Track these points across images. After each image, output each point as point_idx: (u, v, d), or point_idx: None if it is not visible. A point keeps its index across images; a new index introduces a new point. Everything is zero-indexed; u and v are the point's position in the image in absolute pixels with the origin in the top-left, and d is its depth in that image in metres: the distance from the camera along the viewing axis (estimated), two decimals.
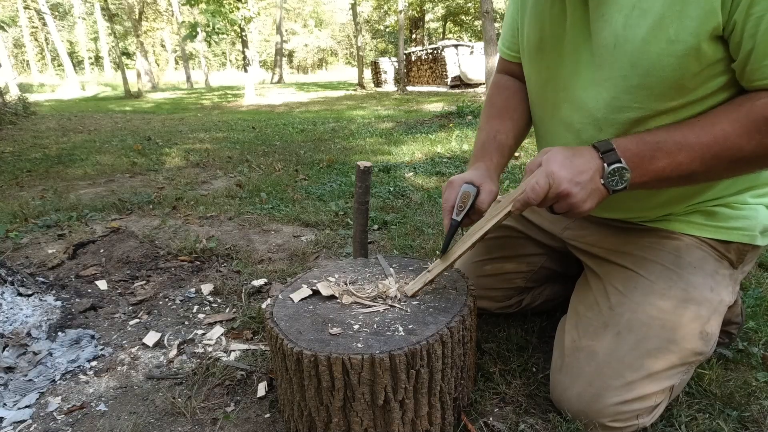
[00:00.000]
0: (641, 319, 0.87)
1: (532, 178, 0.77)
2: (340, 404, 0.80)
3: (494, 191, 0.94)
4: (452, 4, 26.16)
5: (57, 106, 11.91)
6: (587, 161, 0.75)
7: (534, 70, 0.97)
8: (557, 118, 0.94)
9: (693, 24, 0.69)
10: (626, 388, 0.84)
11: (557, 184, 0.74)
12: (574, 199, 0.75)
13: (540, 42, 0.91)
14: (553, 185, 0.75)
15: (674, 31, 0.70)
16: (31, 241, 2.04)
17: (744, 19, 0.66)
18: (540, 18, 0.89)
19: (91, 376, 1.16)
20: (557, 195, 0.75)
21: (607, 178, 0.75)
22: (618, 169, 0.74)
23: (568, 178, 0.74)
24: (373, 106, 9.59)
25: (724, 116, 0.72)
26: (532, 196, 0.76)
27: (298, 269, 1.72)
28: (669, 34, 0.71)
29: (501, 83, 1.13)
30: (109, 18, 17.24)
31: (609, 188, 0.75)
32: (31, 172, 3.62)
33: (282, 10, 28.45)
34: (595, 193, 0.76)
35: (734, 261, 0.92)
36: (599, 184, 0.75)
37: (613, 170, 0.74)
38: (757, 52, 0.67)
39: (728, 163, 0.72)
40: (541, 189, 0.75)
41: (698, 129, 0.73)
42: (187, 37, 12.14)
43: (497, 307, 1.26)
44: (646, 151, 0.74)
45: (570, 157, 0.76)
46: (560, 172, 0.74)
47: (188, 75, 25.85)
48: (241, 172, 3.50)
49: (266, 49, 42.81)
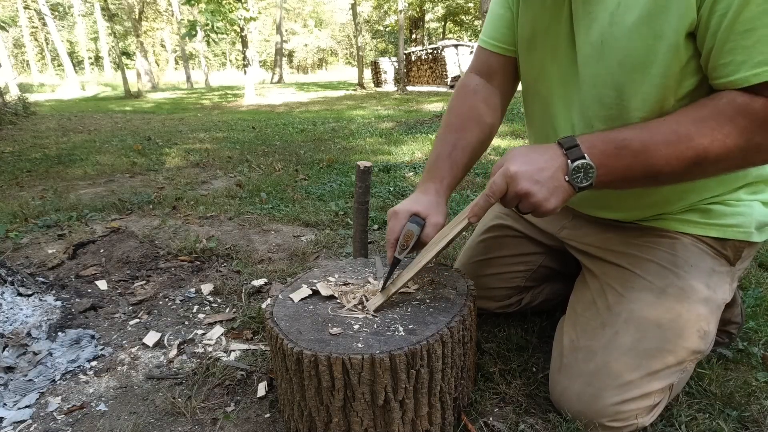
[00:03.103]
0: (639, 319, 0.87)
1: (492, 178, 0.76)
2: (340, 404, 0.80)
3: (440, 223, 0.92)
4: (452, 4, 26.17)
5: (57, 106, 11.91)
6: (549, 158, 0.74)
7: (527, 64, 0.97)
8: (549, 114, 0.95)
9: (675, 20, 0.69)
10: (625, 387, 0.84)
11: (515, 183, 0.73)
12: (534, 198, 0.73)
13: (532, 36, 0.92)
14: (510, 184, 0.74)
15: (659, 25, 0.70)
16: (31, 241, 2.04)
17: (708, 16, 0.66)
18: (533, 12, 0.90)
19: (91, 376, 1.16)
20: (516, 194, 0.74)
21: (571, 174, 0.73)
22: (583, 166, 0.72)
23: (527, 176, 0.73)
24: (373, 106, 9.59)
25: (688, 116, 0.71)
26: (490, 196, 0.76)
27: (298, 269, 1.72)
28: (654, 29, 0.71)
29: (469, 87, 1.07)
30: (109, 18, 17.26)
31: (574, 185, 0.73)
32: (31, 172, 3.62)
33: (282, 10, 28.44)
34: (559, 191, 0.74)
35: (731, 258, 0.92)
36: (563, 181, 0.73)
37: (578, 167, 0.72)
38: (717, 50, 0.67)
39: (693, 164, 0.70)
40: (498, 188, 0.75)
41: (664, 128, 0.71)
42: (186, 35, 12.14)
43: (497, 306, 1.26)
44: (611, 149, 0.73)
45: (530, 155, 0.75)
46: (519, 171, 0.73)
47: (188, 75, 25.86)
48: (241, 172, 3.50)
49: (266, 49, 42.81)
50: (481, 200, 0.78)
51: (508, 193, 0.75)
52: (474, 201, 0.81)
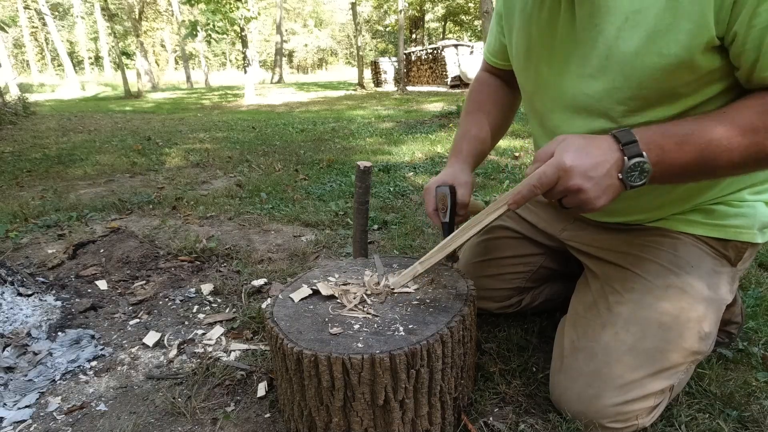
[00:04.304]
0: (639, 319, 0.87)
1: (541, 167, 0.71)
2: (340, 404, 0.80)
3: (468, 182, 0.99)
4: (452, 4, 26.17)
5: (57, 106, 11.91)
6: (605, 153, 0.69)
7: (523, 78, 0.97)
8: (548, 128, 0.94)
9: (684, 38, 0.68)
10: (625, 388, 0.84)
11: (568, 177, 0.68)
12: (586, 195, 0.68)
13: (528, 50, 0.91)
14: (563, 178, 0.69)
15: (665, 44, 0.70)
16: (31, 241, 2.04)
17: (746, 32, 0.65)
18: (528, 25, 0.89)
19: (91, 376, 1.16)
20: (566, 189, 0.69)
21: (626, 173, 0.68)
22: (639, 164, 0.68)
23: (581, 171, 0.68)
24: (373, 106, 9.59)
25: (749, 108, 0.68)
26: (536, 186, 0.70)
27: (298, 269, 1.72)
28: (660, 47, 0.70)
29: (482, 80, 1.19)
30: (109, 18, 17.24)
31: (627, 184, 0.69)
32: (31, 172, 3.62)
33: (282, 10, 28.44)
34: (610, 189, 0.69)
35: (732, 259, 0.92)
36: (616, 179, 0.69)
37: (634, 164, 0.68)
38: (762, 62, 0.66)
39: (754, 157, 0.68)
40: (548, 180, 0.69)
41: (727, 121, 0.68)
42: (188, 36, 12.15)
43: (497, 307, 1.26)
44: (671, 145, 0.69)
45: (586, 147, 0.69)
46: (574, 165, 0.68)
47: (188, 75, 25.86)
48: (241, 172, 3.50)
49: (266, 49, 42.82)
50: (524, 189, 0.72)
51: (557, 186, 0.70)
52: (516, 189, 0.74)
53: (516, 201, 0.75)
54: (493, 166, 3.29)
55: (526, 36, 0.90)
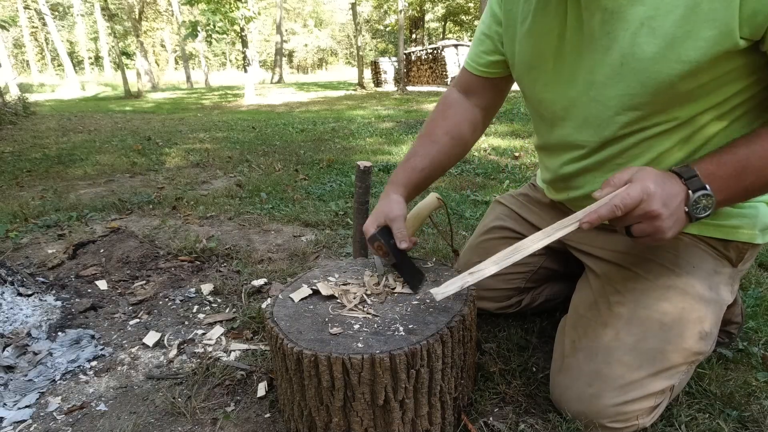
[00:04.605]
0: (640, 320, 0.87)
1: (623, 190, 0.71)
2: (340, 404, 0.80)
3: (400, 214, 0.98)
4: (452, 4, 26.17)
5: (57, 106, 11.91)
6: (675, 185, 0.71)
7: (529, 86, 0.96)
8: (556, 135, 0.94)
9: (705, 45, 0.68)
10: (626, 388, 0.84)
11: (651, 201, 0.69)
12: (661, 222, 0.70)
13: (532, 60, 0.90)
14: (645, 202, 0.69)
15: (685, 51, 0.69)
16: (31, 241, 2.04)
17: None
18: (535, 35, 0.88)
19: (91, 376, 1.16)
20: (646, 213, 0.69)
21: (692, 206, 0.71)
22: (703, 196, 0.71)
23: (662, 197, 0.69)
24: (373, 105, 9.59)
25: None
26: (618, 206, 0.70)
27: (298, 269, 1.72)
28: (680, 54, 0.70)
29: (448, 101, 1.11)
30: (109, 18, 17.25)
31: (692, 216, 0.72)
32: (31, 172, 3.62)
33: (282, 10, 28.44)
34: (680, 221, 0.72)
35: (734, 259, 0.92)
36: (683, 212, 0.72)
37: (699, 197, 0.71)
38: None
39: None
40: (631, 201, 0.69)
41: None
42: (188, 36, 12.15)
43: (497, 307, 1.26)
44: (731, 172, 0.72)
45: (662, 178, 0.71)
46: (657, 191, 0.69)
47: (188, 75, 25.85)
48: (241, 172, 3.50)
49: (266, 49, 42.83)
50: (604, 210, 0.71)
51: (636, 210, 0.70)
52: (592, 208, 0.73)
53: (590, 220, 0.73)
54: (493, 166, 3.29)
55: (532, 47, 0.89)
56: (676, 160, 0.82)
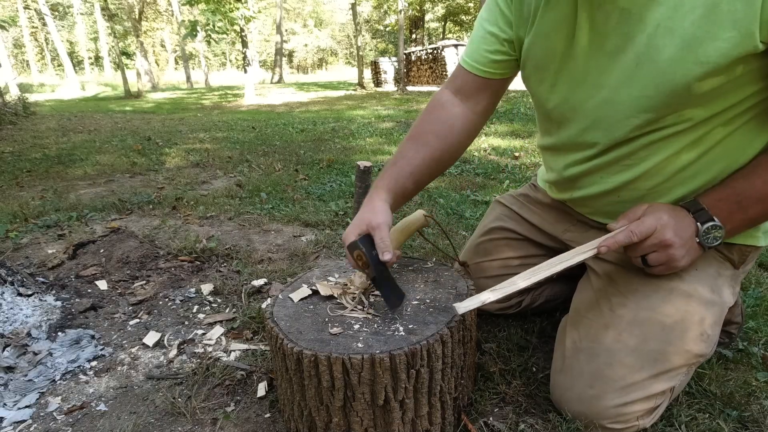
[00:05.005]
0: (642, 321, 0.87)
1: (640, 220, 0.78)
2: (340, 404, 0.80)
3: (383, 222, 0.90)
4: (452, 3, 26.17)
5: (57, 106, 11.91)
6: (685, 217, 0.78)
7: (535, 87, 0.95)
8: (564, 136, 0.93)
9: (726, 45, 0.67)
10: (627, 390, 0.84)
11: (665, 230, 0.76)
12: (674, 251, 0.77)
13: (541, 60, 0.90)
14: (659, 231, 0.76)
15: (704, 52, 0.68)
16: (31, 241, 2.04)
17: None
18: (544, 35, 0.87)
19: (91, 376, 1.16)
20: (660, 242, 0.77)
21: (702, 236, 0.78)
22: (713, 227, 0.77)
23: (675, 227, 0.77)
24: (373, 105, 9.59)
25: None
26: (634, 233, 0.77)
27: (298, 269, 1.72)
28: (698, 55, 0.69)
29: (439, 102, 1.05)
30: (109, 18, 17.25)
31: (705, 246, 0.79)
32: (31, 172, 3.62)
33: (282, 10, 28.44)
34: (693, 251, 0.79)
35: (736, 261, 0.92)
36: (695, 242, 0.79)
37: (708, 228, 0.77)
38: None
39: None
40: (646, 230, 0.77)
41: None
42: (188, 36, 12.14)
43: (497, 308, 1.26)
44: (733, 207, 0.77)
45: (674, 211, 0.79)
46: (670, 222, 0.77)
47: (188, 75, 25.84)
48: (241, 172, 3.50)
49: (266, 49, 42.82)
50: (620, 236, 0.79)
51: (650, 239, 0.77)
52: (610, 235, 0.80)
53: (608, 245, 0.79)
54: (493, 166, 3.29)
55: (539, 45, 0.88)
56: (685, 162, 0.82)
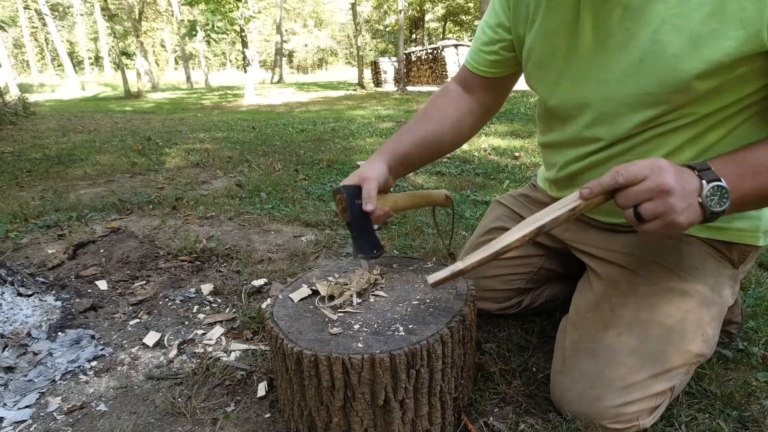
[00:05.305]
0: (642, 321, 0.87)
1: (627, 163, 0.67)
2: (341, 404, 0.80)
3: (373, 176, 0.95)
4: (452, 4, 26.17)
5: (57, 106, 11.90)
6: (688, 172, 0.67)
7: (537, 85, 0.96)
8: (568, 132, 0.94)
9: (732, 44, 0.67)
10: (627, 389, 0.84)
11: (661, 174, 0.64)
12: (674, 199, 0.63)
13: (543, 57, 0.90)
14: (655, 173, 0.64)
15: (709, 50, 0.68)
16: (31, 241, 2.04)
17: None
18: (546, 33, 0.87)
19: (91, 376, 1.16)
20: (657, 186, 0.64)
21: (705, 197, 0.66)
22: (718, 188, 0.66)
23: (675, 174, 0.64)
24: (373, 105, 9.59)
25: None
26: (622, 172, 0.65)
27: (298, 269, 1.72)
28: (703, 53, 0.69)
29: (446, 90, 1.13)
30: (109, 18, 17.26)
31: (706, 209, 0.66)
32: (31, 172, 3.62)
33: (282, 10, 28.44)
34: (693, 208, 0.65)
35: (735, 261, 0.92)
36: (697, 202, 0.66)
37: (713, 188, 0.66)
38: None
39: None
40: (636, 171, 0.64)
41: None
42: (187, 35, 12.13)
43: (497, 308, 1.26)
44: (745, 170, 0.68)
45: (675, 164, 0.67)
46: (668, 167, 0.65)
47: (188, 75, 25.84)
48: (241, 172, 3.50)
49: (266, 49, 42.82)
50: (605, 178, 0.67)
51: (645, 182, 0.64)
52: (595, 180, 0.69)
53: (591, 187, 0.68)
54: (493, 166, 3.29)
55: (541, 43, 0.89)
56: (685, 159, 0.81)
